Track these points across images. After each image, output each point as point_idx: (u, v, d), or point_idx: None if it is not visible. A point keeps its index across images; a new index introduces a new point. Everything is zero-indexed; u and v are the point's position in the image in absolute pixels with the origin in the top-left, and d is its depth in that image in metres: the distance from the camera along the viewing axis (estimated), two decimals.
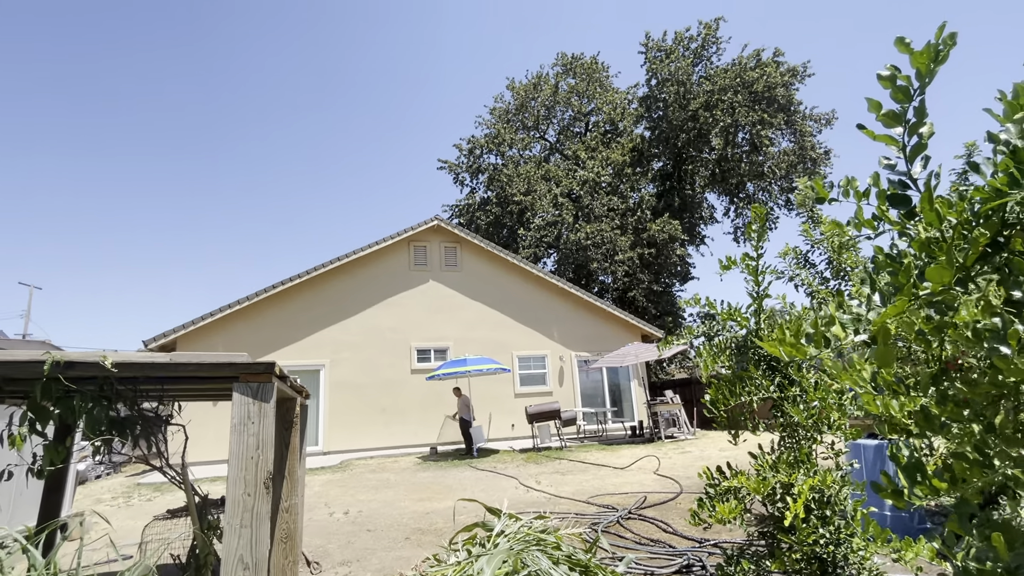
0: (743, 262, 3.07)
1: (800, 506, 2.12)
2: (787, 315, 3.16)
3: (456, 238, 16.20)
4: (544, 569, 2.63)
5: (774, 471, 2.34)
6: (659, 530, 5.25)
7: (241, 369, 2.54)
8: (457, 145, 30.25)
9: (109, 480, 12.61)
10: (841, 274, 4.21)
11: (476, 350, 14.65)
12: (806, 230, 4.37)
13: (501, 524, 3.42)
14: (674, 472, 8.69)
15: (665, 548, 4.58)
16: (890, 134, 1.23)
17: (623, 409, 16.61)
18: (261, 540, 2.40)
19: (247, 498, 2.41)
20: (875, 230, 1.52)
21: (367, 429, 13.75)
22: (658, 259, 25.10)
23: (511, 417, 14.90)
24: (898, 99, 1.21)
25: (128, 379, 2.83)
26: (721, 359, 2.95)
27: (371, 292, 14.90)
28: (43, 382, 2.58)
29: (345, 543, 5.49)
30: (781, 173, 25.53)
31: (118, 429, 2.77)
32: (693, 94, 25.95)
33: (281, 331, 13.81)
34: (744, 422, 2.84)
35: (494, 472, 9.75)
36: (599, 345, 16.38)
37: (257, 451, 2.48)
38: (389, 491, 8.41)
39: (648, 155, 28.38)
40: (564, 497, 7.26)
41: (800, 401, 2.54)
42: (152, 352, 13.77)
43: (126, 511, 8.26)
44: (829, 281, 4.51)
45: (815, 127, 25.65)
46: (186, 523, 4.28)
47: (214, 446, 10.92)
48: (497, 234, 27.89)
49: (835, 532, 2.29)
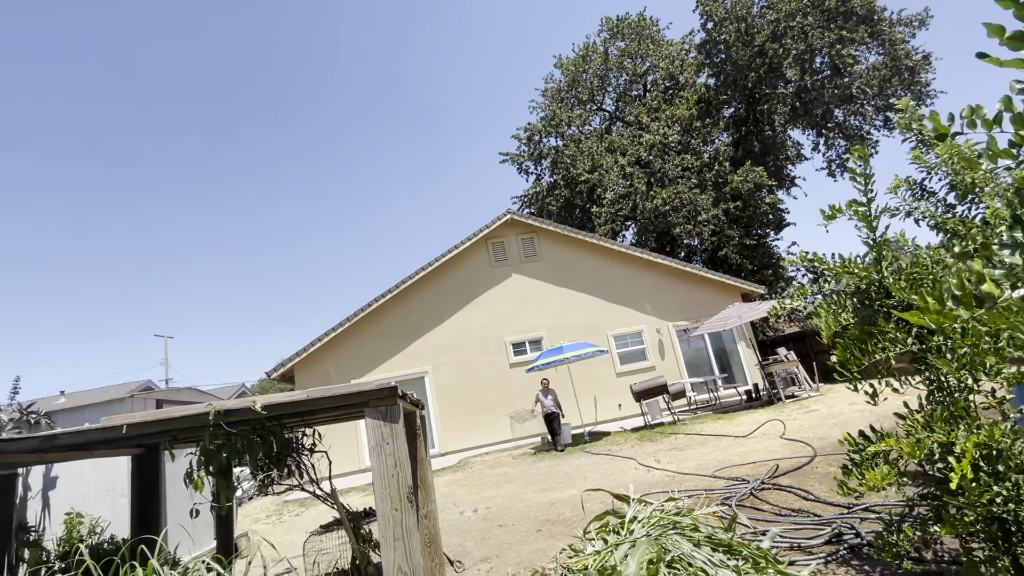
0: (851, 208, 2.83)
1: (966, 465, 1.93)
2: (910, 253, 2.87)
3: (531, 228, 16.27)
4: (687, 553, 2.61)
5: (928, 430, 2.15)
6: (798, 498, 4.98)
7: (370, 396, 2.75)
8: (515, 135, 30.23)
9: (260, 501, 14.15)
10: (970, 197, 3.73)
11: (569, 336, 14.67)
12: (917, 156, 3.91)
13: (632, 510, 3.43)
14: (802, 434, 8.19)
15: (809, 517, 4.35)
16: (1020, 57, 1.08)
17: (733, 374, 15.89)
18: (414, 549, 2.61)
19: (395, 513, 2.62)
20: (1015, 159, 1.35)
21: (477, 427, 14.27)
22: (746, 211, 23.57)
23: (616, 397, 14.78)
24: (1023, 16, 1.06)
25: (275, 417, 3.17)
26: (843, 316, 2.74)
27: (458, 295, 15.39)
28: (210, 429, 2.96)
29: (480, 540, 5.77)
30: (874, 91, 22.88)
31: (275, 462, 3.11)
32: (756, 27, 23.96)
33: (383, 345, 14.67)
34: (881, 377, 2.62)
35: (610, 455, 9.74)
36: (696, 311, 15.77)
37: (396, 469, 2.69)
38: (510, 485, 8.69)
39: (716, 103, 26.65)
40: (688, 473, 7.10)
41: (947, 350, 2.30)
42: (274, 381, 15.21)
43: (280, 527, 9.23)
44: (955, 208, 4.02)
45: (907, 32, 22.67)
46: (337, 536, 4.71)
47: (341, 459, 11.87)
48: (570, 216, 27.61)
49: (1013, 489, 2.06)
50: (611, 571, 2.43)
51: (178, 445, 4.21)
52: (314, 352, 14.21)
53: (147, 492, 4.15)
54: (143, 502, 4.14)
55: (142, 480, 4.19)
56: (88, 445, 3.49)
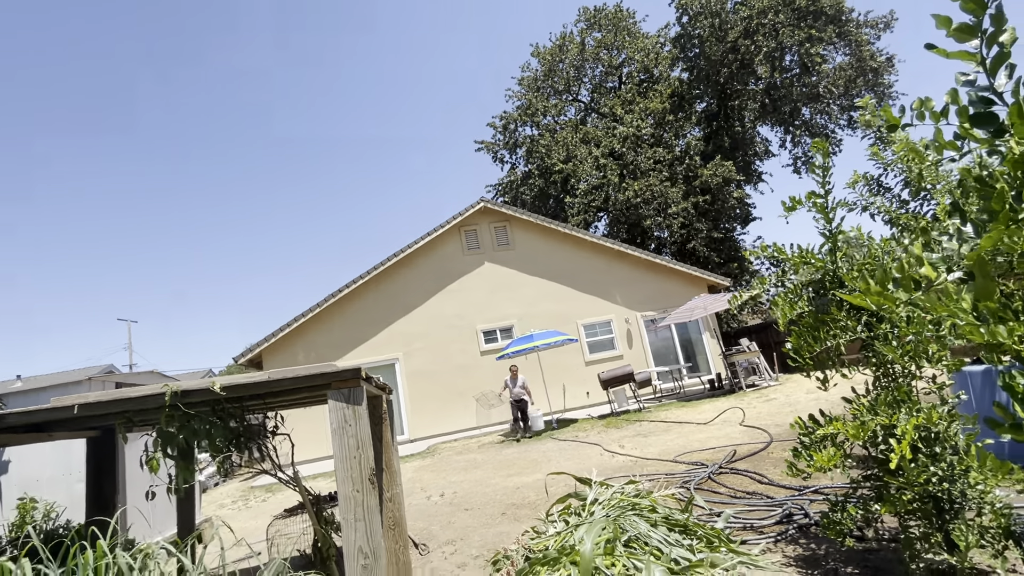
0: (809, 200, 2.92)
1: (906, 447, 2.03)
2: (865, 247, 2.98)
3: (504, 216, 16.24)
4: (643, 532, 2.68)
5: (873, 413, 2.25)
6: (754, 482, 5.17)
7: (332, 378, 2.72)
8: (491, 123, 30.00)
9: (226, 486, 13.89)
10: (922, 194, 3.89)
11: (540, 324, 14.77)
12: (875, 153, 4.05)
13: (594, 492, 3.50)
14: (761, 421, 8.48)
15: (762, 499, 4.52)
16: (966, 49, 1.13)
17: (698, 363, 16.29)
18: (375, 530, 2.60)
19: (356, 494, 2.61)
20: (959, 151, 1.41)
21: (447, 414, 14.29)
22: (714, 205, 24.04)
23: (584, 385, 14.98)
24: (970, 9, 1.10)
25: (235, 399, 3.10)
26: (798, 304, 2.84)
27: (431, 282, 15.29)
28: (166, 411, 2.88)
29: (446, 523, 5.80)
30: (839, 91, 23.55)
31: (235, 445, 3.05)
32: (730, 23, 24.29)
33: (354, 331, 14.49)
34: (832, 365, 2.73)
35: (576, 441, 9.89)
36: (664, 302, 16.07)
37: (358, 451, 2.67)
38: (478, 470, 8.75)
39: (689, 98, 26.97)
40: (651, 459, 7.28)
41: (892, 338, 2.41)
42: (242, 366, 14.88)
43: (246, 512, 9.09)
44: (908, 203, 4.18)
45: (872, 34, 23.36)
46: (302, 520, 4.67)
47: (310, 445, 11.71)
48: (544, 206, 27.64)
49: (948, 469, 2.18)
50: (570, 551, 2.49)
51: (137, 428, 4.09)
52: (284, 337, 13.94)
53: (103, 476, 4.02)
54: (99, 486, 4.01)
55: (98, 463, 4.05)
56: (40, 427, 3.36)
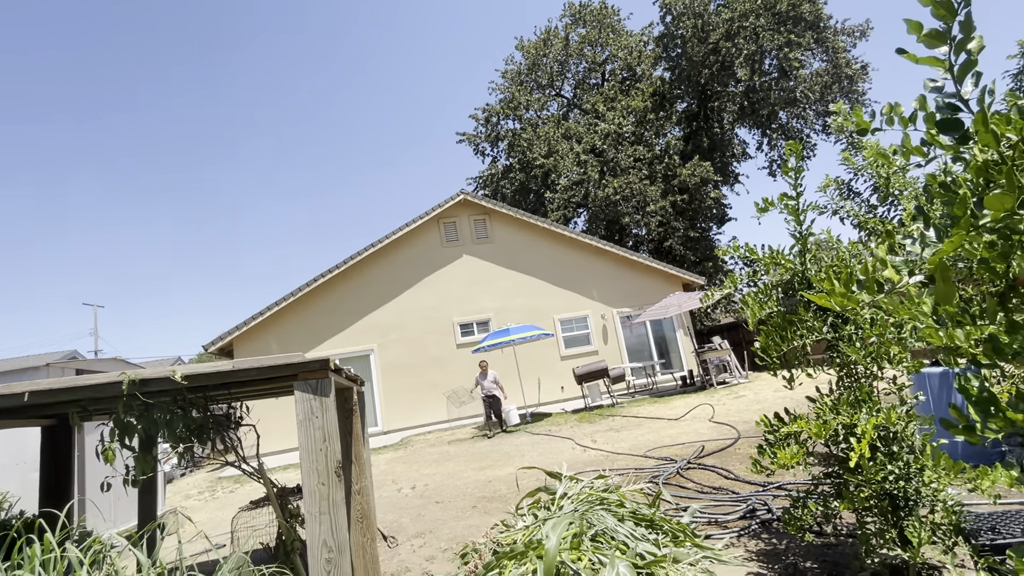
0: (781, 202, 2.95)
1: (865, 446, 2.08)
2: (834, 249, 3.03)
3: (484, 210, 16.16)
4: (610, 527, 2.70)
5: (835, 412, 2.30)
6: (720, 477, 5.27)
7: (299, 368, 2.66)
8: (473, 115, 29.79)
9: (193, 477, 13.60)
10: (889, 200, 3.99)
11: (517, 319, 14.77)
12: (847, 158, 4.14)
13: (563, 486, 3.51)
14: (729, 418, 8.65)
15: (728, 495, 4.61)
16: (935, 55, 1.14)
17: (671, 360, 16.54)
18: (340, 524, 2.56)
19: (322, 487, 2.56)
20: (925, 157, 1.43)
21: (422, 406, 14.21)
22: (691, 204, 24.37)
23: (559, 380, 15.07)
24: (940, 15, 1.11)
25: (198, 388, 3.01)
26: (768, 304, 2.88)
27: (408, 274, 15.15)
28: (123, 400, 2.78)
29: (416, 516, 5.77)
30: (815, 96, 24.06)
31: (196, 435, 2.96)
32: (712, 25, 24.55)
33: (329, 321, 14.28)
34: (798, 365, 2.78)
35: (549, 435, 9.95)
36: (640, 299, 16.23)
37: (324, 443, 2.62)
38: (450, 463, 8.73)
39: (670, 97, 27.22)
40: (621, 453, 7.36)
41: (856, 339, 2.46)
42: (212, 355, 14.53)
43: (212, 504, 8.91)
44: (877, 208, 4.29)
45: (848, 42, 23.90)
46: (268, 512, 4.59)
47: (281, 437, 11.53)
48: (524, 200, 27.63)
49: (904, 468, 2.24)
50: (537, 545, 2.49)
51: (96, 417, 3.95)
52: (256, 326, 13.65)
53: (58, 465, 3.88)
54: (53, 476, 3.86)
55: (53, 453, 3.91)
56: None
